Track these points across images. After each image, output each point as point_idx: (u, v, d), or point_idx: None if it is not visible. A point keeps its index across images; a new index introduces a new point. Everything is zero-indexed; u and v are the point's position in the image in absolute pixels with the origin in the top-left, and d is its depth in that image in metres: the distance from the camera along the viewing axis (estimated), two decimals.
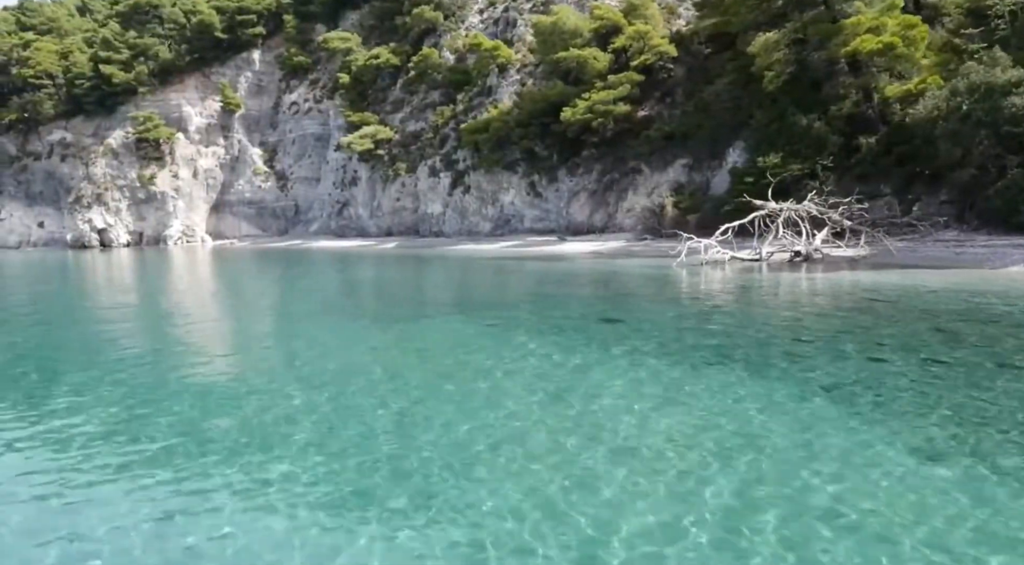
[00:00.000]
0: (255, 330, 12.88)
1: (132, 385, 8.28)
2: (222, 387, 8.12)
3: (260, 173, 72.73)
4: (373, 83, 63.08)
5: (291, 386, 7.83)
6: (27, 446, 6.19)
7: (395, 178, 54.51)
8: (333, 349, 10.07)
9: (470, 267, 28.04)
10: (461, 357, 9.34)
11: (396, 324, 12.45)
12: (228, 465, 5.45)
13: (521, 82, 46.12)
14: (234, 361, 9.97)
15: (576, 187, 40.41)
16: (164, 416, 6.78)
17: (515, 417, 6.39)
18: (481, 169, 44.93)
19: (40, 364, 9.82)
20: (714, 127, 33.97)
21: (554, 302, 15.22)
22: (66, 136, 75.95)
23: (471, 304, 15.61)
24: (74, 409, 7.29)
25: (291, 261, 39.50)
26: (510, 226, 43.99)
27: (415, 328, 11.85)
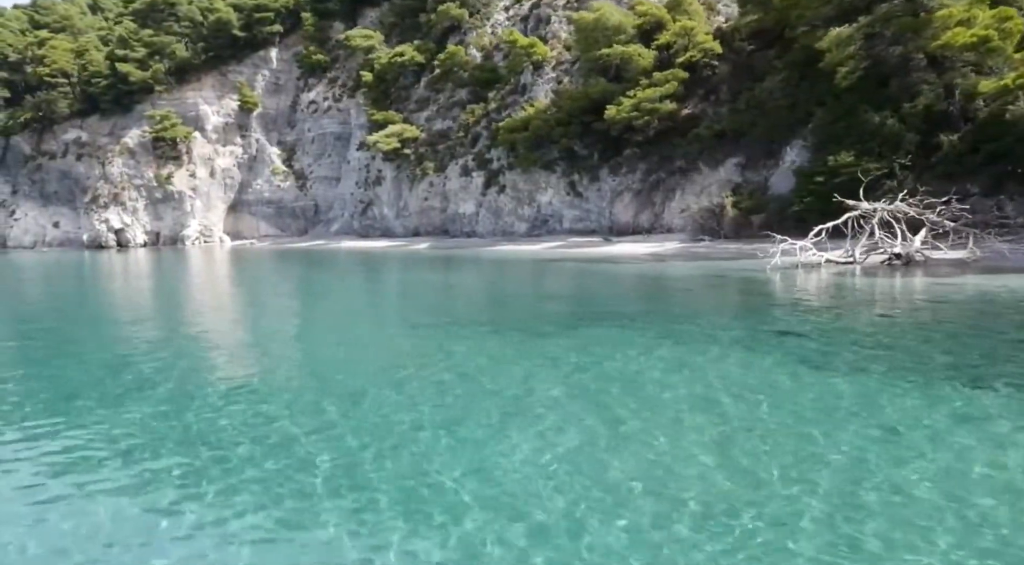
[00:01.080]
0: (338, 353, 10.91)
1: (209, 415, 6.98)
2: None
3: (279, 173, 71.18)
4: (395, 81, 61.66)
5: (434, 430, 6.53)
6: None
7: (423, 177, 53.08)
8: (505, 385, 8.70)
9: (539, 270, 26.46)
10: (660, 381, 7.99)
11: (537, 339, 11.11)
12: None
13: (557, 80, 44.77)
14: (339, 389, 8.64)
15: (619, 187, 39.09)
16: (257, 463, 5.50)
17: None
18: (517, 168, 43.56)
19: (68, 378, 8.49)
20: (769, 125, 32.66)
21: (687, 310, 13.89)
22: (81, 135, 74.26)
23: (592, 312, 14.17)
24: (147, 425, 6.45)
25: (322, 263, 37.98)
26: (547, 226, 42.66)
27: (568, 342, 10.51)
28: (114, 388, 8.34)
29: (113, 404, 7.58)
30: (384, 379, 8.48)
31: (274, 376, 8.82)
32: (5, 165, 77.48)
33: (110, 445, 6.27)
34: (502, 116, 46.88)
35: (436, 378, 8.37)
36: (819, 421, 6.26)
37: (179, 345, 11.61)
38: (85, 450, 6.20)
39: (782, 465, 5.19)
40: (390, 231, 57.19)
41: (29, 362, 10.57)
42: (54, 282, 30.05)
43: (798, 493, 4.72)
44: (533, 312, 14.57)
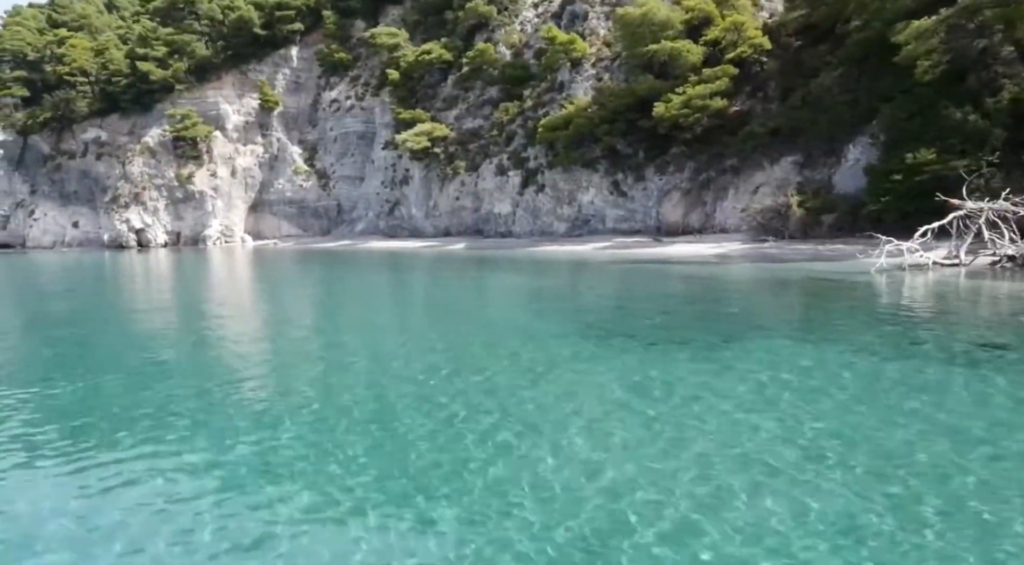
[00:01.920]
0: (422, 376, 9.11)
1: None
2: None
3: (301, 172, 69.84)
4: (421, 80, 60.33)
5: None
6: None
7: (453, 177, 51.78)
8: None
9: (606, 272, 25.20)
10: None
11: (675, 354, 9.79)
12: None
13: (597, 77, 43.44)
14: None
15: (666, 186, 37.80)
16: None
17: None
18: (557, 167, 42.24)
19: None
20: (829, 122, 31.36)
21: (835, 321, 12.59)
22: (101, 134, 72.90)
23: (736, 326, 12.87)
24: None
25: (357, 264, 36.58)
26: (589, 226, 41.36)
27: (720, 360, 9.21)
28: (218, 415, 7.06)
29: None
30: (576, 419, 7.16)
31: (404, 412, 7.50)
32: (24, 165, 76.17)
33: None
34: (539, 114, 45.58)
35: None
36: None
37: (253, 367, 10.33)
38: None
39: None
40: (418, 231, 55.89)
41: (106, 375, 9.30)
42: (83, 285, 28.74)
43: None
44: (654, 321, 13.24)
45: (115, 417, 7.35)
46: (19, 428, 7.03)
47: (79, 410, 7.71)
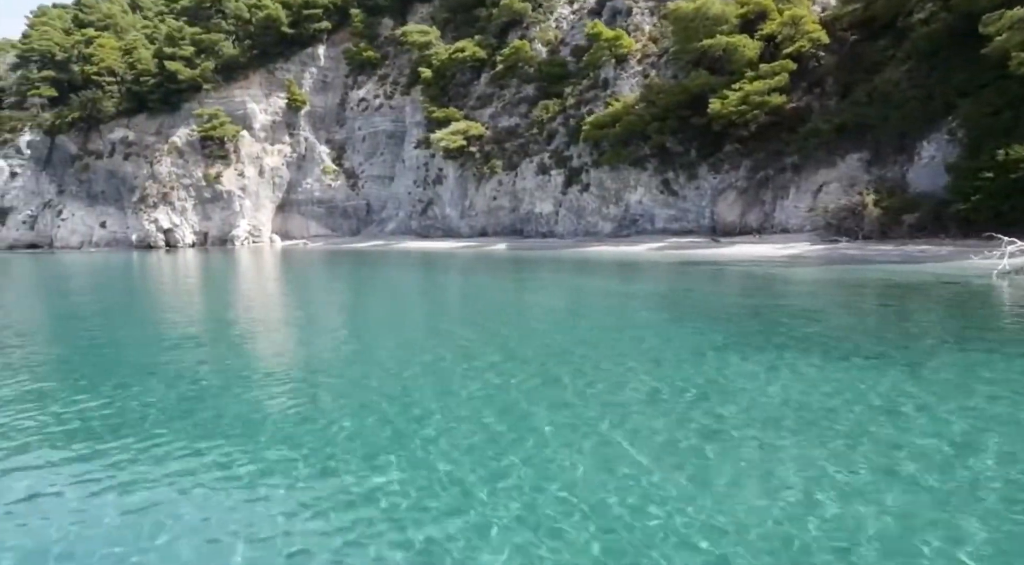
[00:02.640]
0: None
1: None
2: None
3: (329, 172, 68.84)
4: (452, 78, 59.20)
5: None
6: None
7: (490, 176, 50.62)
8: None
9: (676, 274, 23.99)
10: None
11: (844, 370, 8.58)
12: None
13: (643, 73, 42.15)
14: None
15: (721, 185, 36.52)
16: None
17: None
18: (604, 166, 41.00)
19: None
20: (902, 118, 29.99)
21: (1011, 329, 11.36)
22: (128, 134, 72.15)
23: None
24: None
25: (395, 265, 35.35)
26: (637, 226, 40.11)
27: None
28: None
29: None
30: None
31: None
32: (51, 165, 75.52)
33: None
34: (581, 112, 44.34)
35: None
36: None
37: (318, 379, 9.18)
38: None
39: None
40: (453, 231, 54.76)
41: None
42: (116, 287, 27.74)
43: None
44: (813, 330, 11.99)
45: (169, 429, 7.15)
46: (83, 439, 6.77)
47: (153, 420, 7.45)
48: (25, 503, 5.46)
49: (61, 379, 9.95)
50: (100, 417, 7.61)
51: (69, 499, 5.51)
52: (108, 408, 7.97)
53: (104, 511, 5.26)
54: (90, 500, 5.48)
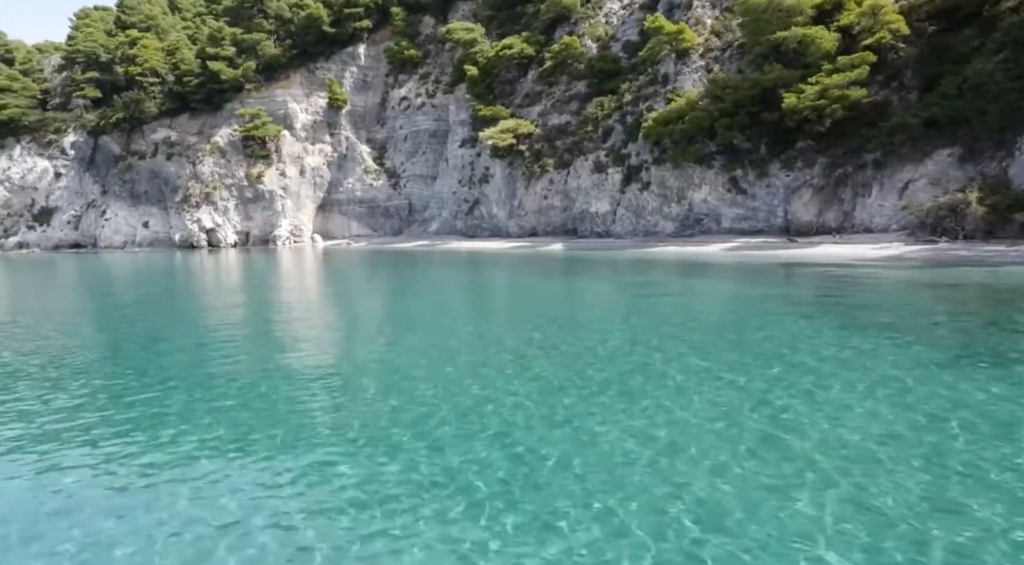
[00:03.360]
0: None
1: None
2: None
3: (371, 171, 68.10)
4: (497, 75, 58.05)
5: None
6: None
7: (541, 175, 49.42)
8: None
9: (789, 277, 22.53)
10: None
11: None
12: None
13: (706, 68, 40.62)
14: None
15: (794, 183, 34.91)
16: None
17: None
18: (666, 164, 39.57)
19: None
20: (1000, 111, 28.21)
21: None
22: (170, 134, 72.06)
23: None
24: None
25: (447, 266, 34.18)
26: (701, 226, 38.63)
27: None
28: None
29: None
30: None
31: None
32: (95, 165, 75.76)
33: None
34: (640, 109, 42.96)
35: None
36: None
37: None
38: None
39: None
40: (500, 231, 53.63)
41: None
42: (175, 289, 26.92)
43: None
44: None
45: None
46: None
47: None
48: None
49: (146, 379, 9.52)
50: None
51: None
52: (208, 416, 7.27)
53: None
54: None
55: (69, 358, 11.64)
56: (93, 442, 7.16)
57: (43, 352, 12.17)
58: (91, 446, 7.05)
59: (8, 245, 75.34)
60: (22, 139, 76.28)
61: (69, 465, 6.57)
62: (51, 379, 10.12)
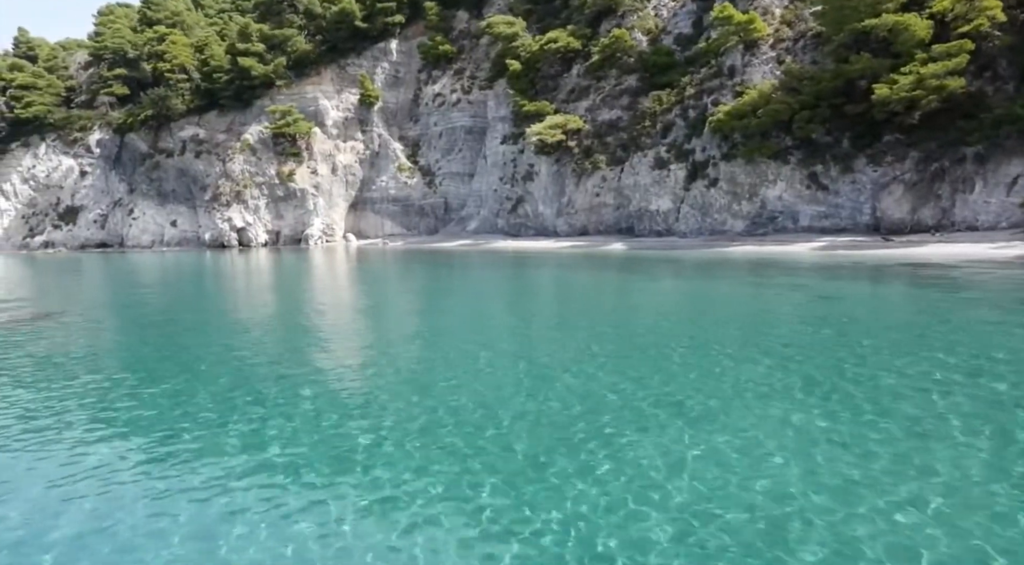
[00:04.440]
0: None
1: None
2: None
3: (405, 169, 65.90)
4: (538, 70, 55.85)
5: None
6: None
7: (592, 172, 47.25)
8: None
9: (982, 287, 20.02)
10: None
11: None
12: None
13: (777, 59, 38.41)
14: None
15: (882, 178, 32.72)
16: None
17: None
18: (737, 159, 37.38)
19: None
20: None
21: None
22: (199, 132, 69.90)
23: None
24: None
25: (499, 266, 31.83)
26: (775, 224, 36.44)
27: None
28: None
29: None
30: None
31: None
32: (121, 163, 73.67)
33: None
34: (704, 102, 40.77)
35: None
36: None
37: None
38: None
39: None
40: (546, 230, 51.48)
41: None
42: (211, 293, 24.76)
43: None
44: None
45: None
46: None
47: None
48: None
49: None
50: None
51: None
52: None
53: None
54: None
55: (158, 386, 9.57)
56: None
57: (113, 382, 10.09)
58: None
59: (34, 244, 73.35)
60: (47, 137, 74.26)
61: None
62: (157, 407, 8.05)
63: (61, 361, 11.15)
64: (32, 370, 10.54)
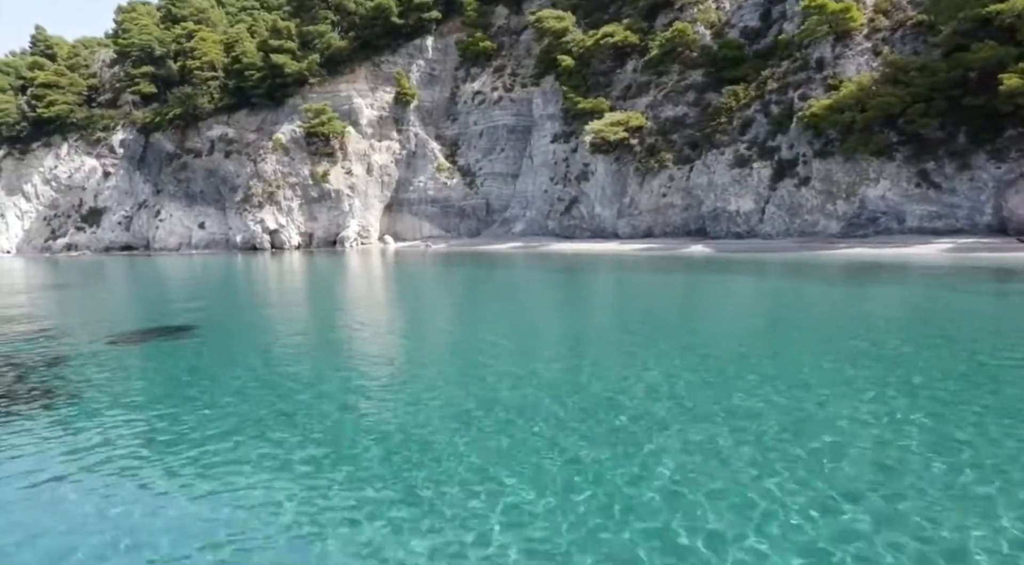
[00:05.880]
0: None
1: None
2: None
3: (444, 169, 62.71)
4: (589, 66, 52.84)
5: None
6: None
7: (659, 171, 44.24)
8: None
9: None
10: None
11: None
12: None
13: (874, 50, 35.50)
14: None
15: (1007, 175, 29.82)
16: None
17: None
18: (834, 156, 34.44)
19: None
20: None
21: None
22: (228, 131, 66.54)
23: None
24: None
25: (589, 272, 28.88)
26: (876, 225, 33.49)
27: None
28: None
29: None
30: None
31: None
32: (145, 164, 70.20)
33: None
34: (788, 97, 37.84)
35: None
36: None
37: None
38: None
39: None
40: (604, 231, 48.41)
41: None
42: (284, 302, 21.58)
43: None
44: None
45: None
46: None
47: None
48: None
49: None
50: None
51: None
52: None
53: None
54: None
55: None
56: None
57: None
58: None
59: (56, 247, 69.82)
60: (69, 137, 70.84)
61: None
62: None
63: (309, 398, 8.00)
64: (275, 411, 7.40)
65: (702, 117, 43.47)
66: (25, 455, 6.47)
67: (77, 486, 5.68)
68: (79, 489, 5.62)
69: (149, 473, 5.90)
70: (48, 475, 5.91)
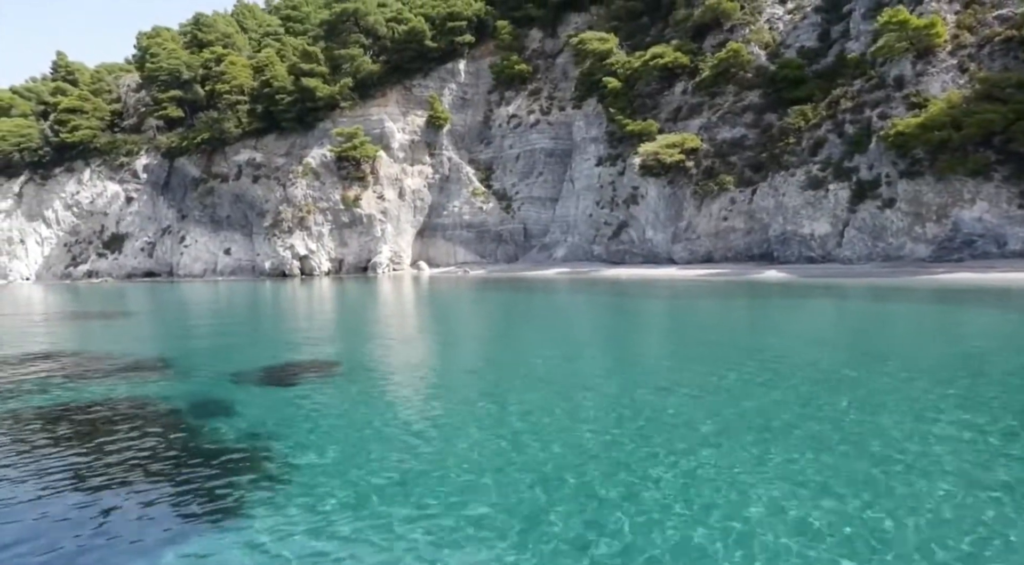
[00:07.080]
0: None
1: None
2: None
3: (479, 194, 60.52)
4: (633, 88, 51.01)
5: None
6: None
7: (718, 194, 42.06)
8: None
9: None
10: None
11: None
12: None
13: (960, 67, 33.58)
14: None
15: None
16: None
17: None
18: (923, 176, 32.26)
19: None
20: None
21: None
22: (255, 156, 64.36)
23: None
24: None
25: (659, 297, 26.43)
26: (972, 249, 31.19)
27: None
28: None
29: None
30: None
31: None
32: (169, 189, 67.87)
33: None
34: (865, 116, 35.84)
35: None
36: None
37: None
38: None
39: None
40: (657, 257, 46.03)
41: None
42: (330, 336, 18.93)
43: None
44: None
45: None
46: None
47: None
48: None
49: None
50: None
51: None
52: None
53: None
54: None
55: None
56: None
57: None
58: None
59: (76, 274, 67.02)
60: (91, 162, 68.57)
61: None
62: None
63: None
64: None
65: (763, 138, 41.49)
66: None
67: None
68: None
69: None
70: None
